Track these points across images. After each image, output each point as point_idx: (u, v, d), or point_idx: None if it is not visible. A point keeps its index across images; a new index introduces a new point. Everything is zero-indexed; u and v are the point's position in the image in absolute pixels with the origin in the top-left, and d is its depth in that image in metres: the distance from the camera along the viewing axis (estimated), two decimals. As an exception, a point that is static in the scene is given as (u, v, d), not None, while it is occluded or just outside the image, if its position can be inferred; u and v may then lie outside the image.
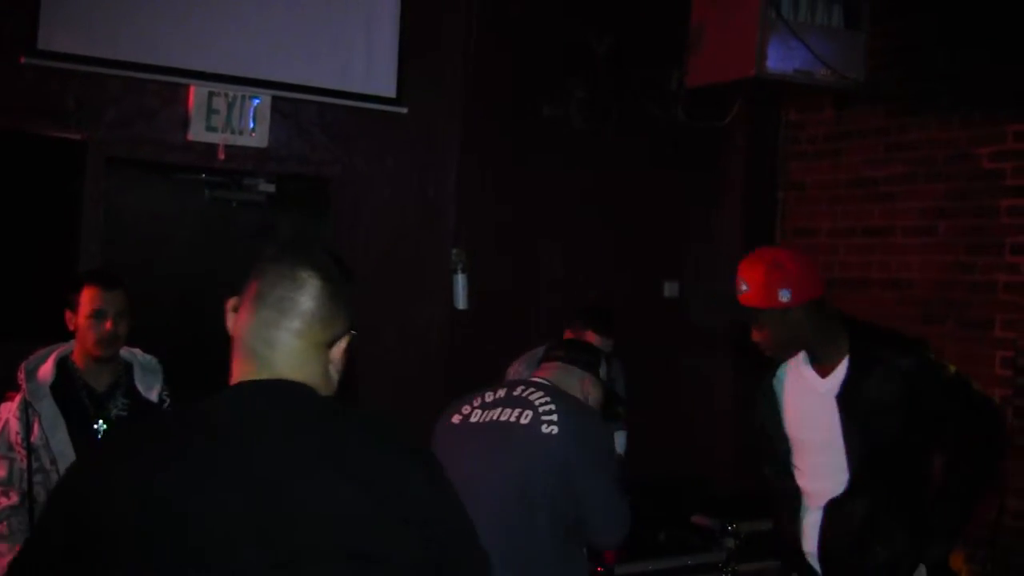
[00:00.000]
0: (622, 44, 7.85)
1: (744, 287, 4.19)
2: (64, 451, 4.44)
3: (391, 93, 7.12)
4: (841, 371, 4.23)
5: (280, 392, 2.35)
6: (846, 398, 4.20)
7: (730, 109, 8.03)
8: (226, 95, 6.59)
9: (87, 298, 4.56)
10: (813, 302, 4.18)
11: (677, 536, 6.74)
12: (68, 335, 4.66)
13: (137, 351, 4.78)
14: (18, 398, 4.47)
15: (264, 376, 2.37)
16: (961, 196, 7.14)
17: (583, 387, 4.40)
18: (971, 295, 7.04)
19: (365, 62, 7.05)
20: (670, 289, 8.34)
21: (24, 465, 4.42)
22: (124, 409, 4.62)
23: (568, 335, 6.09)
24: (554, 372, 4.42)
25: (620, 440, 6.41)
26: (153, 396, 4.70)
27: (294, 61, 6.80)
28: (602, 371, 4.54)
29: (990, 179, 6.97)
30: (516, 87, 7.62)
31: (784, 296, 4.11)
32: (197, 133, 6.54)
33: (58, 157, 6.14)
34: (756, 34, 6.76)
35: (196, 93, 6.52)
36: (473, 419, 4.22)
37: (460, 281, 7.31)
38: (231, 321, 2.47)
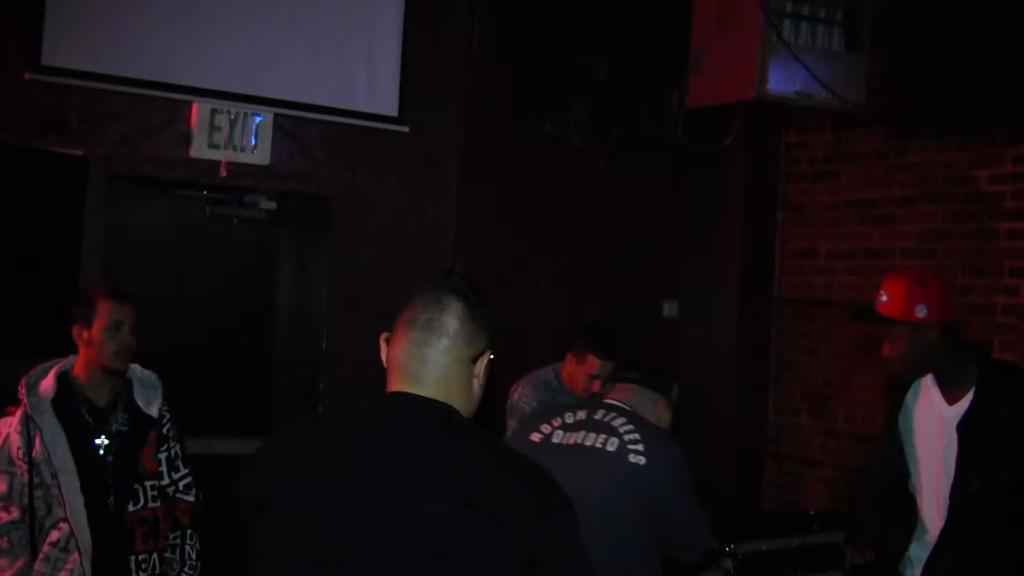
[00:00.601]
0: (623, 65, 7.87)
1: (884, 298, 4.27)
2: (65, 465, 4.44)
3: (392, 112, 7.14)
4: (968, 399, 4.27)
5: (418, 408, 2.68)
6: (968, 427, 4.23)
7: (730, 130, 8.05)
8: (228, 112, 6.60)
9: (103, 311, 4.57)
10: (948, 324, 4.25)
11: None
12: (69, 350, 4.66)
13: (136, 367, 4.78)
14: (19, 413, 4.48)
15: (412, 390, 2.71)
16: (960, 219, 7.15)
17: (656, 410, 4.46)
18: (970, 317, 7.04)
19: (367, 81, 7.07)
20: (669, 309, 8.35)
21: (25, 480, 4.43)
22: (124, 424, 4.63)
23: (570, 356, 6.10)
24: (629, 395, 4.47)
25: None
26: (153, 411, 4.70)
27: (296, 79, 6.82)
28: (673, 393, 4.58)
29: (989, 202, 6.99)
30: (517, 107, 7.63)
31: (921, 312, 4.19)
32: (199, 150, 6.55)
33: (61, 173, 6.16)
34: (757, 56, 6.77)
35: (198, 110, 6.54)
36: (555, 440, 4.30)
37: (460, 300, 7.30)
38: (384, 352, 2.80)
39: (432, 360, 2.71)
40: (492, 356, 2.81)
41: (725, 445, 8.33)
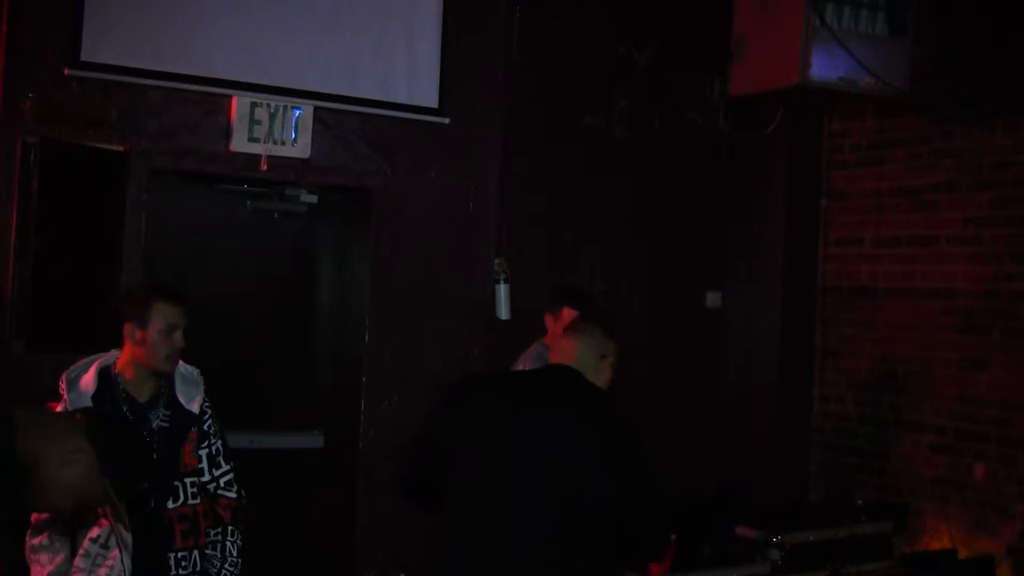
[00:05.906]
0: (664, 53, 7.83)
1: None
2: (104, 461, 4.44)
3: (433, 103, 7.12)
4: None
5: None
6: None
7: (772, 118, 7.99)
8: (268, 106, 6.60)
9: (160, 313, 4.53)
10: None
11: (721, 548, 6.69)
12: (110, 345, 4.65)
13: (179, 362, 4.77)
14: (60, 408, 4.48)
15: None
16: (1005, 204, 7.07)
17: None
18: (1016, 304, 6.98)
19: (407, 73, 7.05)
20: (712, 299, 8.30)
21: (65, 475, 4.43)
22: (165, 420, 4.61)
23: (548, 316, 6.17)
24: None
25: None
26: (194, 407, 4.68)
27: (336, 71, 6.81)
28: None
29: (1035, 187, 6.92)
30: (558, 97, 7.61)
31: None
32: (239, 144, 6.55)
33: (101, 168, 6.16)
34: (800, 42, 6.72)
35: (238, 104, 6.53)
36: None
37: (502, 291, 7.30)
38: None
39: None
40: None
41: (771, 435, 8.28)
